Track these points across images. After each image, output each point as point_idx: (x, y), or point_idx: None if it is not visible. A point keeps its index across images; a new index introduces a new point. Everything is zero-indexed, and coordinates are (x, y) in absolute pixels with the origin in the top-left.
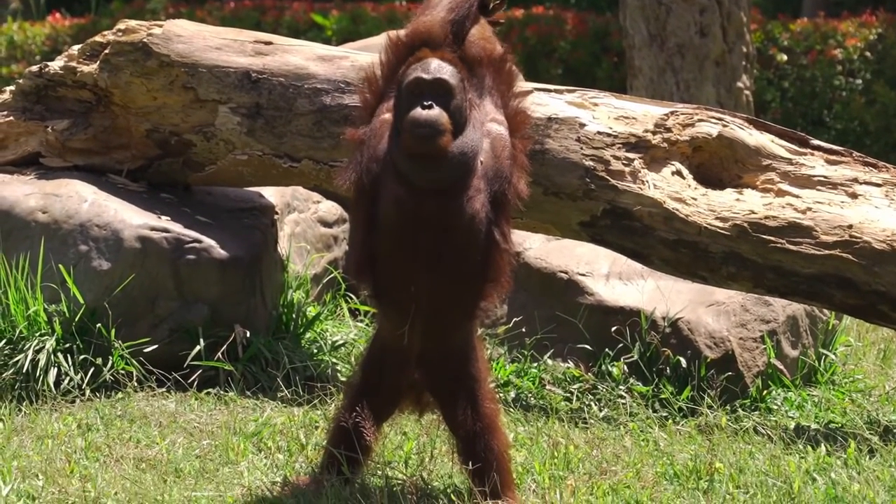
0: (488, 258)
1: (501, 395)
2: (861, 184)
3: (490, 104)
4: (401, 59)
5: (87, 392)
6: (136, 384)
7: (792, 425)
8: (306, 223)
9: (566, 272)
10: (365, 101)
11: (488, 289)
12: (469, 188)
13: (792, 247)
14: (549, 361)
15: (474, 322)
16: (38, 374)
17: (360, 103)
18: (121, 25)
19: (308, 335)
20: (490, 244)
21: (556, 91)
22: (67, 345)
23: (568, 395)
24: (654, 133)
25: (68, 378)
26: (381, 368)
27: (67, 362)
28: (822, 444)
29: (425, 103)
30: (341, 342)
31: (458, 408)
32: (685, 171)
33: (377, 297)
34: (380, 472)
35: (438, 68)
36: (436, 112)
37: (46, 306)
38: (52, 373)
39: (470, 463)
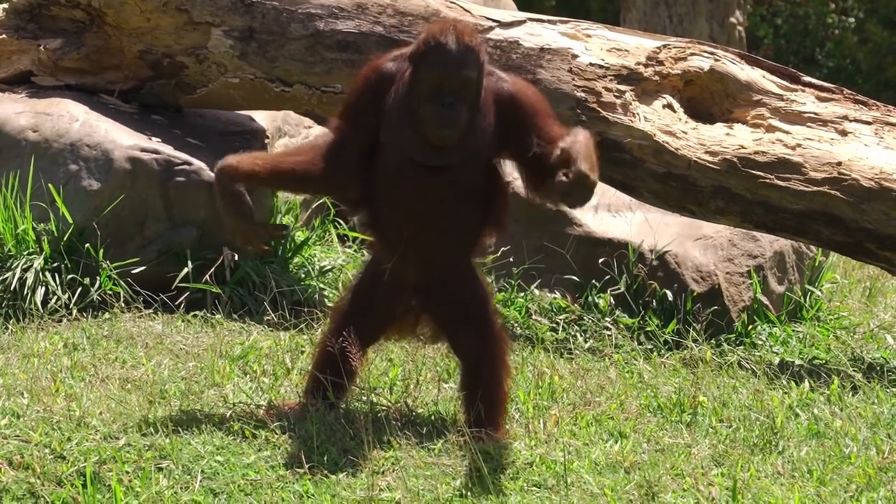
0: (488, 207)
1: None
2: (851, 121)
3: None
4: None
5: (74, 312)
6: (123, 305)
7: (776, 360)
8: None
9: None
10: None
11: (487, 230)
12: (474, 159)
13: (781, 182)
14: (536, 291)
15: (474, 255)
16: (25, 292)
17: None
18: None
19: (296, 260)
20: (490, 195)
21: (549, 22)
22: (55, 264)
23: (554, 325)
24: (645, 66)
25: (55, 297)
26: (372, 293)
27: (55, 281)
28: (806, 380)
29: (447, 101)
30: (329, 267)
31: (463, 334)
32: (676, 105)
33: (372, 229)
34: (365, 398)
35: (462, 61)
36: (457, 110)
37: (35, 225)
38: (40, 292)
39: (468, 390)
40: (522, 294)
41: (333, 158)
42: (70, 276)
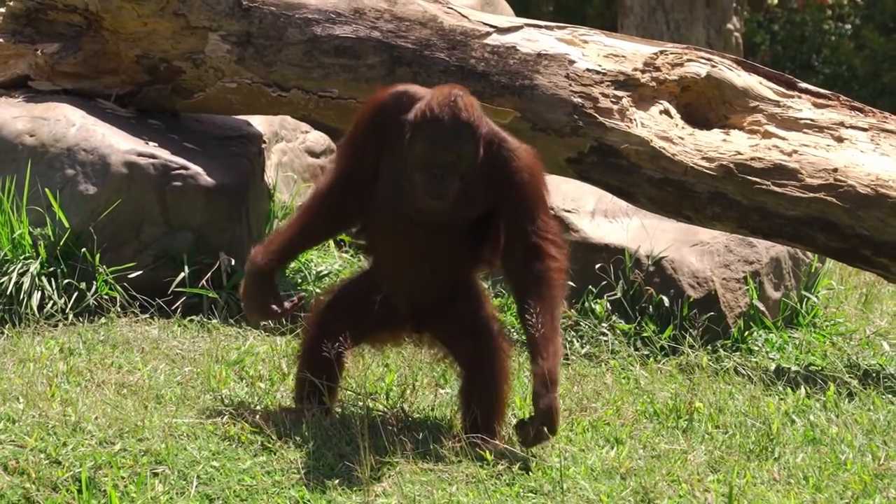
0: (481, 246)
1: None
2: (847, 128)
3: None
4: None
5: (70, 316)
6: (119, 309)
7: (772, 367)
8: (294, 153)
9: (552, 208)
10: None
11: (481, 266)
12: (465, 215)
13: (777, 189)
14: None
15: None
16: (21, 297)
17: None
18: None
19: (292, 265)
20: (483, 236)
21: (546, 27)
22: (52, 269)
23: None
24: (642, 72)
25: (52, 302)
26: (363, 301)
27: (51, 286)
28: (802, 386)
29: (438, 173)
30: (325, 272)
31: (460, 343)
32: (673, 111)
33: (368, 254)
34: (361, 404)
35: (457, 139)
36: (448, 182)
37: (31, 229)
38: (36, 296)
39: (466, 396)
40: None
41: (342, 199)
42: (66, 281)
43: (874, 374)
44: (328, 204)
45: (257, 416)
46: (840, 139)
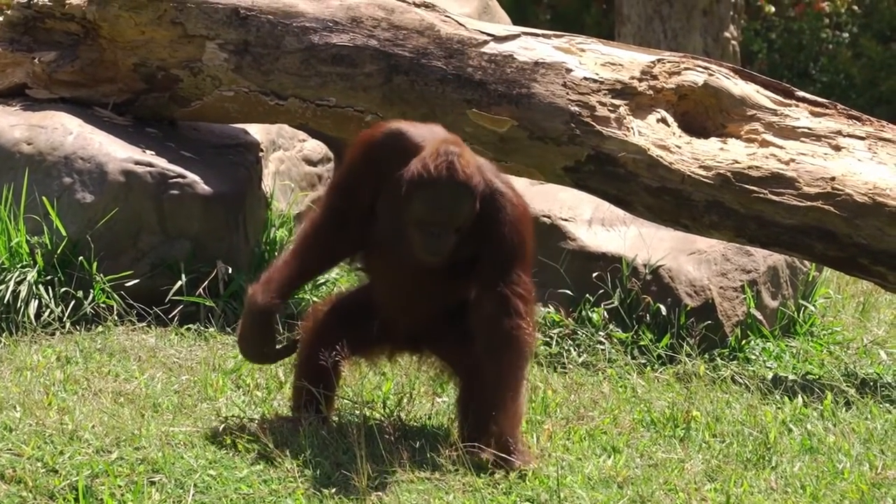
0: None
1: None
2: (845, 136)
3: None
4: None
5: (68, 325)
6: (116, 318)
7: (769, 375)
8: (291, 161)
9: (549, 217)
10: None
11: None
12: (461, 259)
13: (774, 197)
14: None
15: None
16: (18, 305)
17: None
18: None
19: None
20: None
21: (543, 36)
22: (49, 277)
23: (547, 339)
24: (640, 80)
25: (49, 310)
26: (361, 317)
27: (48, 294)
28: (799, 395)
29: (435, 231)
30: (322, 281)
31: (457, 352)
32: (670, 119)
33: (365, 272)
34: (357, 412)
35: (454, 200)
36: (444, 240)
37: (29, 238)
38: (33, 304)
39: (463, 405)
40: None
41: (338, 237)
42: (63, 289)
43: (871, 383)
44: (324, 241)
45: (254, 425)
46: (837, 148)
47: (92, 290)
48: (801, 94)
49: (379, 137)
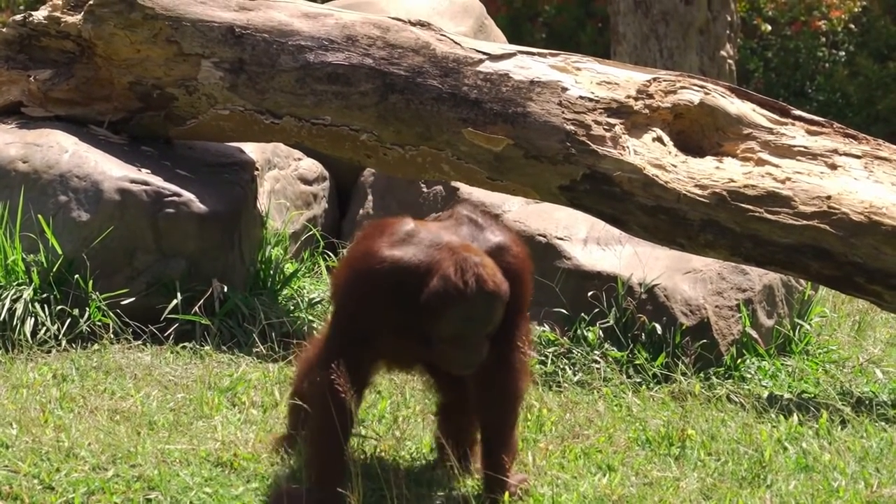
0: None
1: None
2: (841, 155)
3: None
4: None
5: (63, 343)
6: (112, 336)
7: (765, 394)
8: (286, 180)
9: (544, 236)
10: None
11: None
12: None
13: (770, 216)
14: None
15: None
16: (14, 323)
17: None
18: None
19: (285, 292)
20: None
21: (539, 54)
22: (45, 295)
23: (543, 358)
24: (635, 99)
25: (45, 328)
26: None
27: (44, 312)
28: (795, 414)
29: (471, 343)
30: (318, 299)
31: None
32: (666, 138)
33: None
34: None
35: (488, 312)
36: (481, 349)
37: (24, 256)
38: (29, 322)
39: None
40: None
41: (354, 382)
42: (59, 307)
43: (867, 402)
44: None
45: (250, 443)
46: (834, 166)
47: (88, 309)
48: (797, 112)
49: (386, 265)
